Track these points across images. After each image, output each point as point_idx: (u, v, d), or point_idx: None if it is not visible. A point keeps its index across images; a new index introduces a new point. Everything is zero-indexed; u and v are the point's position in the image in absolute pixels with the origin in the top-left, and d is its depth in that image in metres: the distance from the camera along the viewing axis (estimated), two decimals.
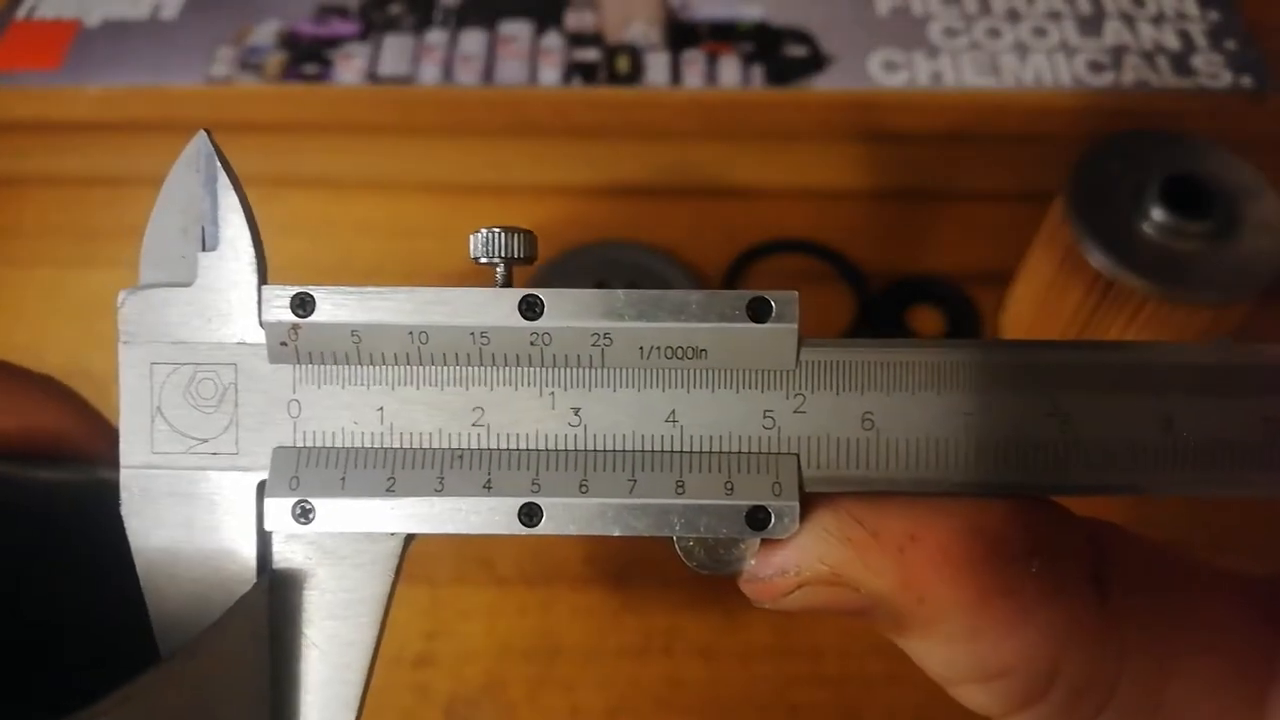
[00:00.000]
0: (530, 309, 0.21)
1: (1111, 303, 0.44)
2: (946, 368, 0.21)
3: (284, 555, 0.22)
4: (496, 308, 0.21)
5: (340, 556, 0.22)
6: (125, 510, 0.22)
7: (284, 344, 0.21)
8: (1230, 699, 0.21)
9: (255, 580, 0.22)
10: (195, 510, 0.22)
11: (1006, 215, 0.56)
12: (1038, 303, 0.49)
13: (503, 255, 0.22)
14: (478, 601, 0.46)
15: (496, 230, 0.22)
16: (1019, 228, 0.51)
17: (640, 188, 0.60)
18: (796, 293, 0.21)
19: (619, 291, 0.21)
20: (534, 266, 0.23)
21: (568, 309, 0.21)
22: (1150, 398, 0.21)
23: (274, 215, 0.69)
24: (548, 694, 0.44)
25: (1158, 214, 0.44)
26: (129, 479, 0.22)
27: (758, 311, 0.21)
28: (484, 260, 0.22)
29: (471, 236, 0.22)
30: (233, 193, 0.22)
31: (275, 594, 0.22)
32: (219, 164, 0.22)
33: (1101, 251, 0.43)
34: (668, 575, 0.46)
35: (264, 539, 0.22)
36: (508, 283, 0.22)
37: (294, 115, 0.63)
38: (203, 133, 0.22)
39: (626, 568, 0.47)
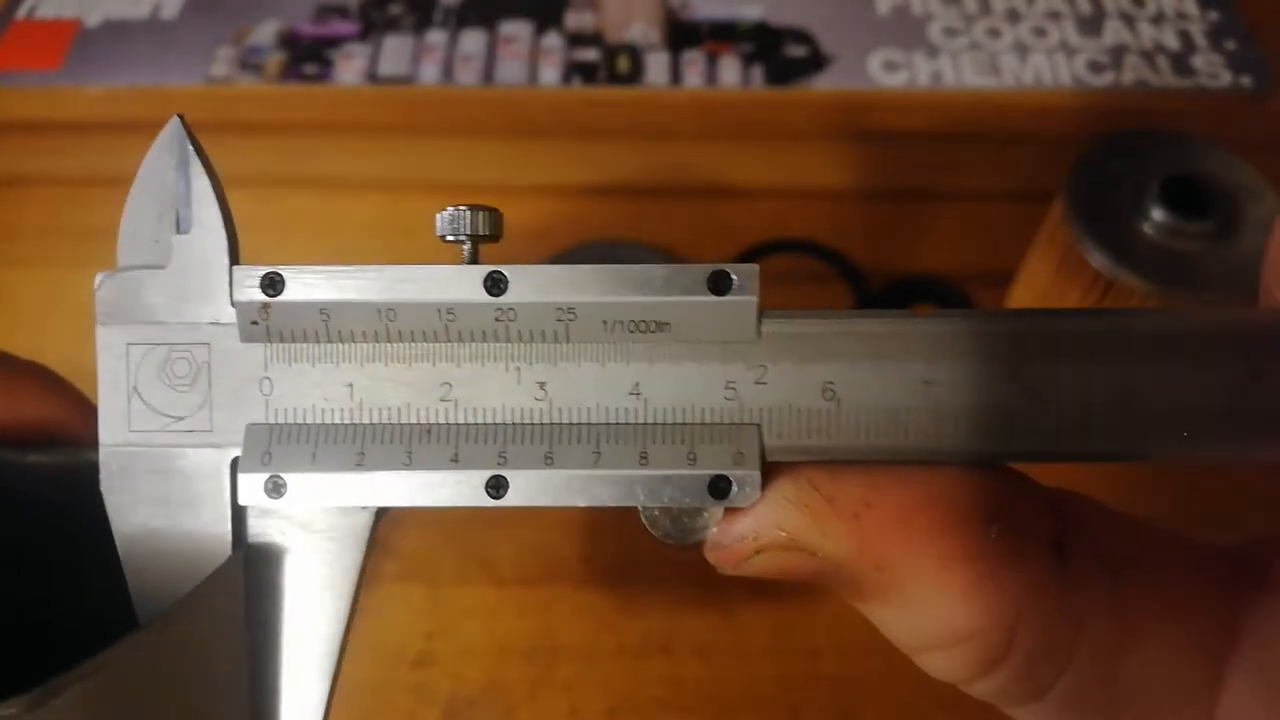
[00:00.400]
0: (495, 285, 0.21)
1: (1111, 303, 0.44)
2: (907, 338, 0.21)
3: (259, 530, 0.23)
4: (462, 284, 0.21)
5: (313, 530, 0.23)
6: (105, 488, 0.22)
7: (255, 323, 0.22)
8: (1189, 668, 0.21)
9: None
10: (172, 487, 0.22)
11: (1006, 215, 0.56)
12: (1038, 303, 0.49)
13: (468, 232, 0.22)
14: (478, 601, 0.46)
15: (462, 208, 0.22)
16: (1019, 228, 0.51)
17: (640, 188, 0.60)
18: (756, 266, 0.21)
19: (582, 267, 0.21)
20: (499, 244, 0.23)
21: (532, 284, 0.21)
22: (1112, 365, 0.21)
23: (274, 215, 0.69)
24: (548, 694, 0.44)
25: (1158, 214, 0.44)
26: (108, 457, 0.22)
27: (718, 284, 0.21)
28: (450, 238, 0.22)
29: (438, 215, 0.22)
30: (205, 177, 0.22)
31: (251, 567, 0.22)
32: (192, 149, 0.22)
33: (1101, 251, 0.43)
34: (666, 575, 0.46)
35: (239, 514, 0.22)
36: (474, 260, 0.22)
37: (294, 115, 0.63)
38: (176, 118, 0.23)
39: (625, 568, 0.47)
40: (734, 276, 0.21)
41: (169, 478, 0.22)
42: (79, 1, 0.69)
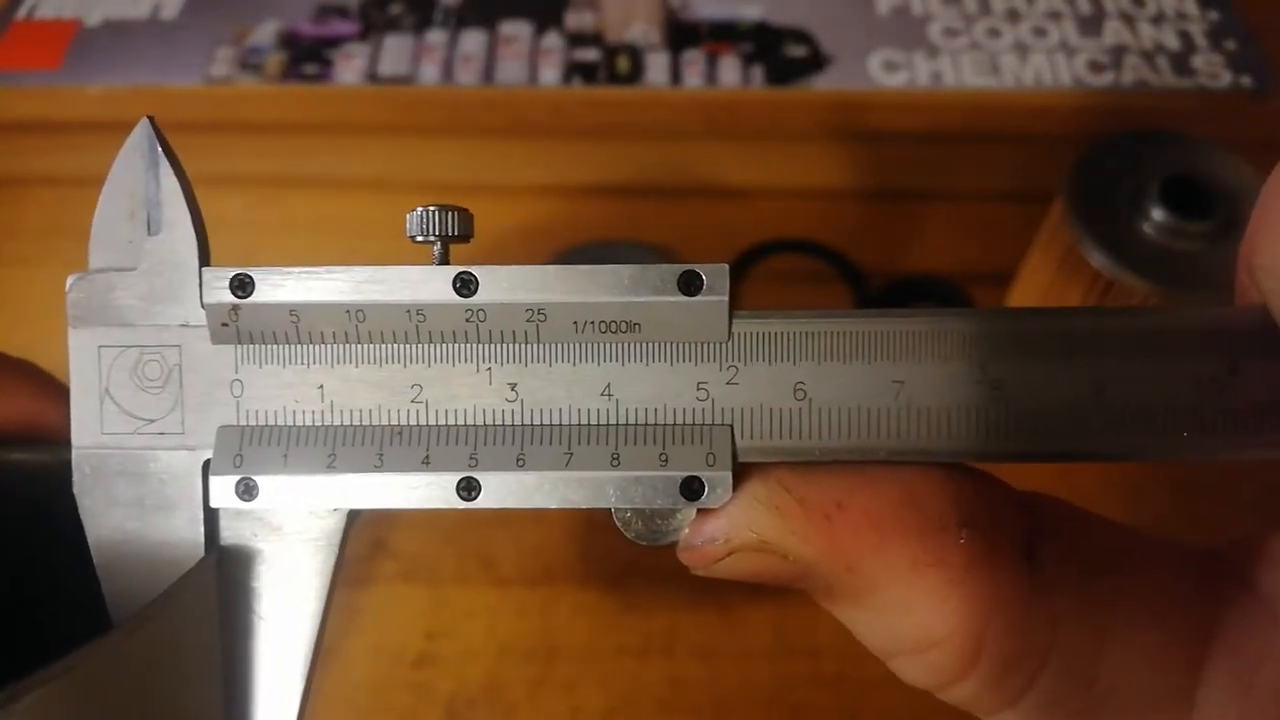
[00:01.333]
0: (465, 286, 0.21)
1: (1111, 303, 0.44)
2: (876, 337, 0.21)
3: (231, 531, 0.23)
4: (431, 285, 0.21)
5: (285, 532, 0.23)
6: (77, 490, 0.22)
7: (225, 325, 0.22)
8: (1165, 671, 0.21)
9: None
10: (145, 489, 0.22)
11: (1006, 215, 0.56)
12: (1038, 303, 0.49)
13: (438, 233, 0.22)
14: (478, 601, 0.46)
15: (432, 208, 0.22)
16: (1019, 228, 0.51)
17: (640, 188, 0.60)
18: (727, 265, 0.21)
19: (551, 267, 0.21)
20: (470, 244, 0.23)
21: (502, 285, 0.21)
22: (1081, 363, 0.21)
23: (274, 215, 0.68)
24: (548, 694, 0.44)
25: (1158, 214, 0.44)
26: (80, 459, 0.22)
27: (689, 285, 0.21)
28: (420, 239, 0.22)
29: (408, 216, 0.22)
30: (174, 178, 0.22)
31: (224, 569, 0.22)
32: (161, 151, 0.22)
33: (1101, 251, 0.43)
34: (667, 576, 0.46)
35: (211, 516, 0.22)
36: (444, 260, 0.22)
37: (294, 115, 0.63)
38: (145, 120, 0.23)
39: (625, 568, 0.47)
40: (704, 276, 0.21)
41: (141, 480, 0.22)
42: (79, 1, 0.69)
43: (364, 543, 0.47)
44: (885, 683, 0.43)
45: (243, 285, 0.22)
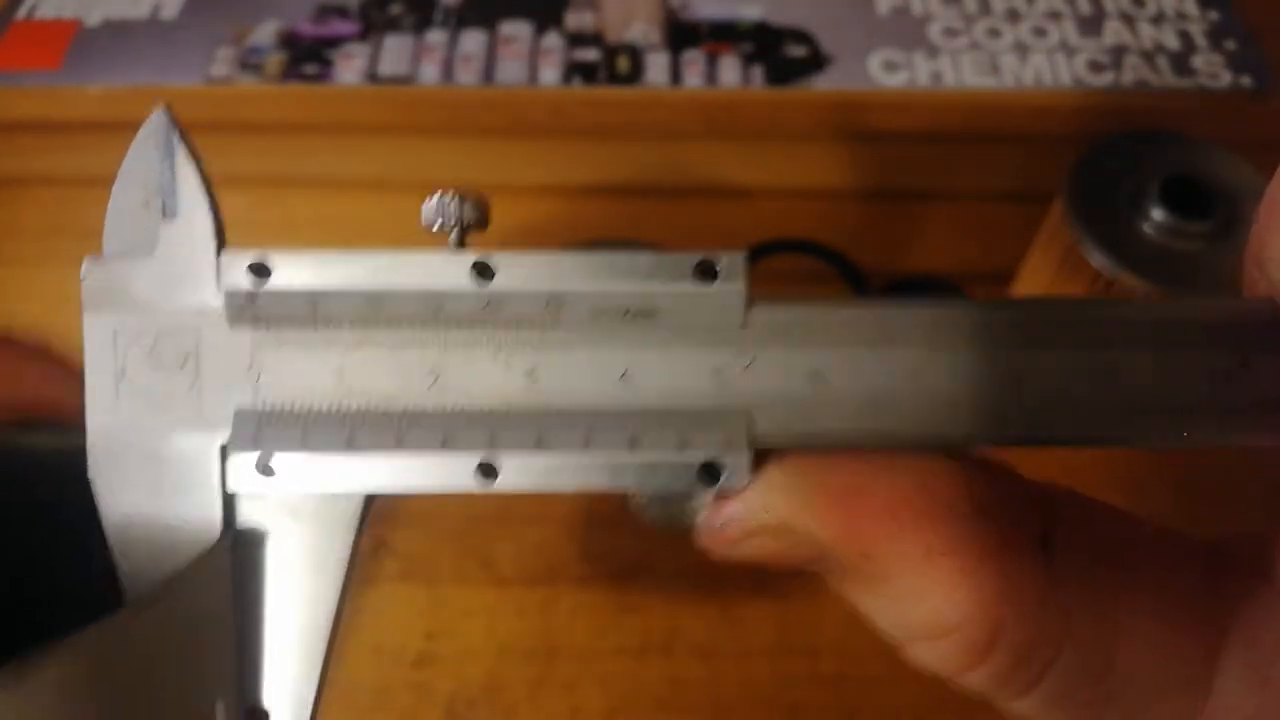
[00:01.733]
0: (483, 273, 0.21)
1: None
2: (895, 324, 0.21)
3: (248, 515, 0.23)
4: (449, 271, 0.22)
5: (303, 515, 0.23)
6: (92, 474, 0.22)
7: (242, 309, 0.22)
8: (1180, 661, 0.21)
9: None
10: (161, 472, 0.22)
11: (1006, 215, 0.56)
12: None
13: (456, 219, 0.22)
14: (478, 601, 0.46)
15: (448, 195, 0.22)
16: (1019, 228, 0.51)
17: (640, 188, 0.60)
18: (743, 253, 0.21)
19: (568, 255, 0.21)
20: (487, 232, 0.23)
21: (520, 272, 0.21)
22: (1095, 353, 0.21)
23: (274, 215, 0.69)
24: (548, 694, 0.44)
25: (1158, 214, 0.44)
26: (95, 443, 0.22)
27: (705, 272, 0.21)
28: (436, 227, 0.23)
29: (424, 204, 0.23)
30: (190, 164, 0.22)
31: (240, 553, 0.22)
32: (177, 137, 0.23)
33: (1101, 251, 0.43)
34: (667, 575, 0.46)
35: (228, 499, 0.22)
36: (461, 247, 0.23)
37: (294, 115, 0.63)
38: (162, 108, 0.23)
39: (625, 568, 0.47)
40: (720, 264, 0.21)
41: (157, 463, 0.22)
42: (79, 1, 0.69)
43: (365, 541, 0.47)
44: (884, 681, 0.44)
45: (260, 270, 0.22)
